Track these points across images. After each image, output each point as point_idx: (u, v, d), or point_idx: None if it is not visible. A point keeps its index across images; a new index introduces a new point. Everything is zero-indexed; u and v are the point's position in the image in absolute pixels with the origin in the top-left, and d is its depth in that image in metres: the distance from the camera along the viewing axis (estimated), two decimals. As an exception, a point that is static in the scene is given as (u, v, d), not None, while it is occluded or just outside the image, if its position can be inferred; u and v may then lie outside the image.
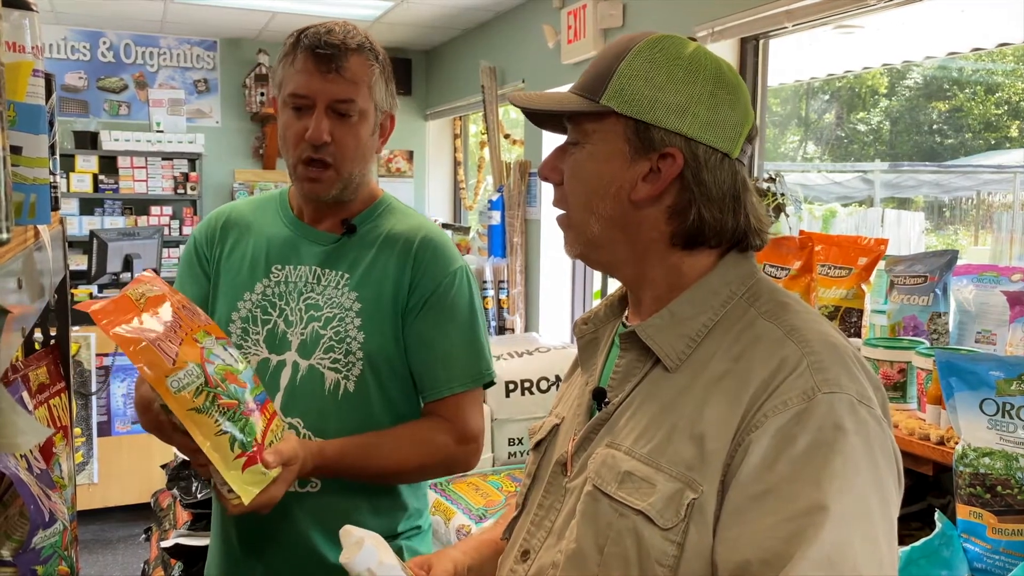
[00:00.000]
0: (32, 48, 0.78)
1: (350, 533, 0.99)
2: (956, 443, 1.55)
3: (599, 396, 0.95)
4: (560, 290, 4.85)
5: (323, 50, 1.30)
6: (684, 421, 0.83)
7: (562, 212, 0.96)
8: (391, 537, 1.42)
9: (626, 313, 1.00)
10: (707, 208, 0.88)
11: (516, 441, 2.81)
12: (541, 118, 0.99)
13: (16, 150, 0.72)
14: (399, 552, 1.43)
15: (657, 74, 0.88)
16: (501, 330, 4.74)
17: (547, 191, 4.70)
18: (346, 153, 1.35)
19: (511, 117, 5.75)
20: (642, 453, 0.84)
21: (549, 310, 4.83)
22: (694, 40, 0.93)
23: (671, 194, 0.89)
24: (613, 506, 0.84)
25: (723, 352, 0.86)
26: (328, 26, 1.35)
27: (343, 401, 1.36)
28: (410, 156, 6.55)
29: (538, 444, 1.03)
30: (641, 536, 0.81)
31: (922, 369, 1.82)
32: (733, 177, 0.89)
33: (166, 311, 1.11)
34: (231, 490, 1.11)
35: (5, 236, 0.45)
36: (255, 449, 1.12)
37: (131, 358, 1.03)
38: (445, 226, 6.05)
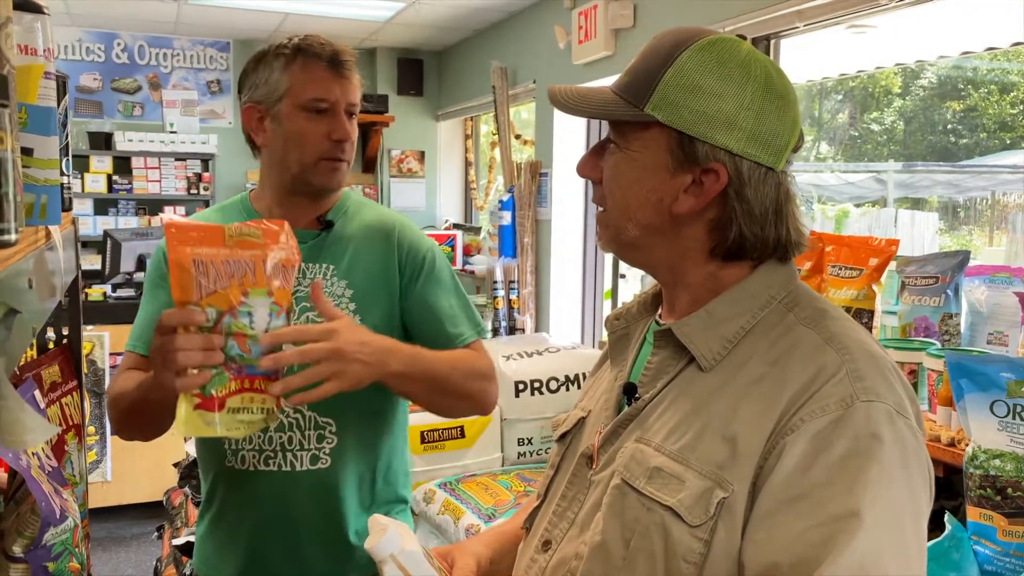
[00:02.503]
0: (44, 51, 0.79)
1: (377, 521, 1.01)
2: (966, 445, 1.55)
3: (630, 391, 0.95)
4: (570, 291, 4.85)
5: (340, 57, 1.46)
6: (717, 421, 0.83)
7: (602, 210, 0.95)
8: (385, 511, 1.53)
9: (659, 311, 1.00)
10: (748, 225, 0.87)
11: (526, 441, 2.81)
12: None
13: (27, 152, 0.73)
14: None
15: (705, 84, 0.85)
16: (511, 330, 4.75)
17: (557, 191, 4.70)
18: (354, 148, 1.52)
19: (522, 117, 5.76)
20: (672, 450, 0.85)
21: (559, 310, 4.83)
22: (743, 39, 0.91)
23: (713, 208, 0.88)
24: (641, 500, 0.84)
25: (760, 355, 0.86)
26: (323, 37, 1.48)
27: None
28: (421, 156, 6.57)
29: (563, 436, 1.04)
30: (669, 532, 0.81)
31: (933, 370, 1.82)
32: (776, 190, 0.88)
33: (248, 256, 1.17)
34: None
35: (13, 237, 0.46)
36: (210, 399, 1.15)
37: (171, 270, 1.11)
38: (456, 226, 6.06)
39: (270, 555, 1.48)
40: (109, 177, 5.88)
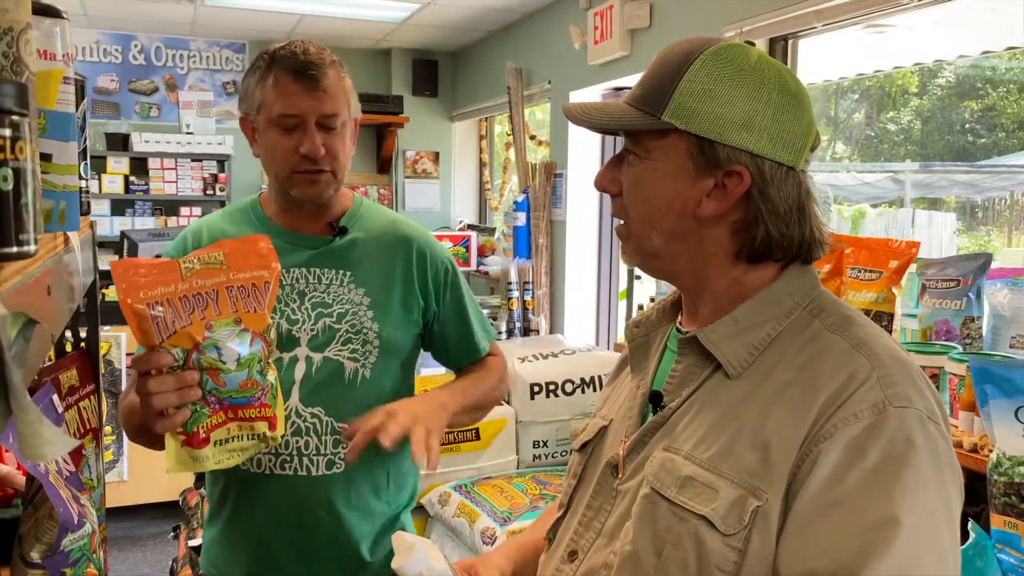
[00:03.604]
0: (63, 56, 0.79)
1: (402, 539, 1.01)
2: (990, 451, 1.53)
3: (655, 400, 0.95)
4: (585, 291, 4.84)
5: (307, 69, 1.39)
6: (747, 428, 0.83)
7: (621, 223, 0.95)
8: (396, 512, 1.55)
9: (679, 318, 1.00)
10: (774, 224, 0.88)
11: (541, 444, 2.80)
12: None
13: (46, 158, 0.73)
14: (401, 525, 1.56)
15: (721, 88, 0.86)
16: (526, 331, 4.74)
17: (572, 192, 4.69)
18: (338, 160, 1.45)
19: (537, 118, 5.75)
20: (703, 459, 0.85)
21: (574, 312, 4.82)
22: (752, 44, 0.92)
23: (737, 211, 0.88)
24: (673, 510, 0.84)
25: (787, 362, 0.86)
26: (300, 46, 1.42)
27: (361, 387, 1.47)
28: (436, 157, 6.57)
29: (584, 446, 1.03)
30: (702, 541, 0.81)
31: (954, 375, 1.79)
32: (798, 189, 0.89)
33: (209, 286, 1.14)
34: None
35: (33, 248, 0.45)
36: (194, 435, 1.16)
37: (126, 317, 1.08)
38: (470, 227, 6.06)
39: (280, 559, 1.47)
40: (126, 178, 5.91)
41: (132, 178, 5.92)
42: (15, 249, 0.43)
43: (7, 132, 0.42)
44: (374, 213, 1.57)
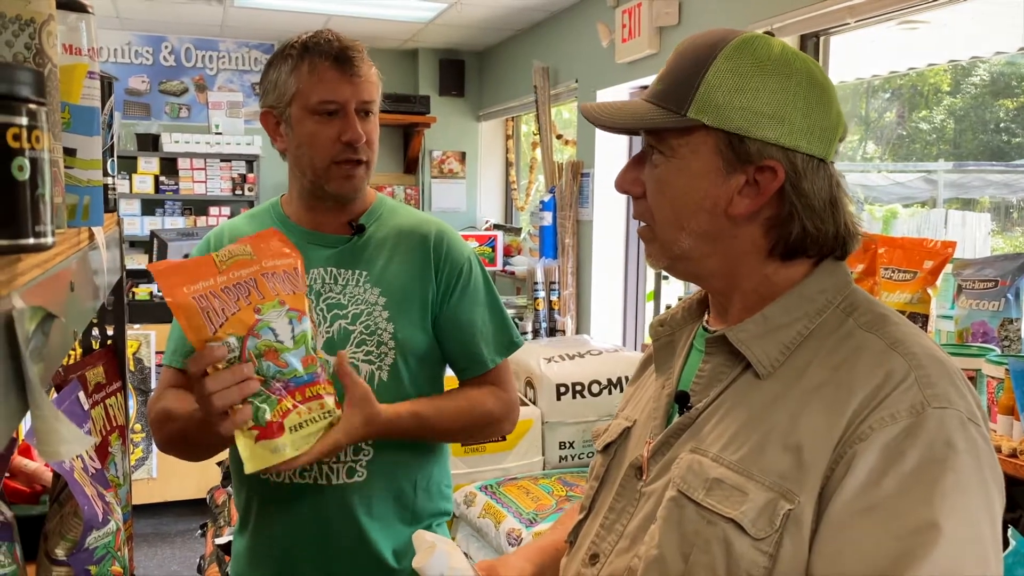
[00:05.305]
0: (88, 50, 0.78)
1: (423, 538, 1.00)
2: (1030, 456, 1.48)
3: (681, 400, 0.92)
4: (612, 292, 4.80)
5: (348, 53, 1.38)
6: (778, 430, 0.81)
7: (644, 225, 0.92)
8: (427, 523, 1.50)
9: (706, 316, 0.98)
10: (809, 219, 0.85)
11: (567, 445, 2.78)
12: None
13: (70, 152, 0.72)
14: None
15: (748, 81, 0.83)
16: (552, 332, 4.71)
17: (599, 192, 4.66)
18: (373, 148, 1.43)
19: (563, 117, 5.72)
20: (731, 460, 0.82)
21: (600, 312, 4.79)
22: (772, 35, 0.89)
23: (770, 207, 0.86)
24: (700, 513, 0.82)
25: (820, 361, 0.83)
26: (331, 34, 1.41)
27: (378, 390, 1.39)
28: (462, 157, 6.57)
29: (607, 447, 1.01)
30: (731, 545, 0.79)
31: (992, 377, 1.75)
32: (829, 181, 0.86)
33: (246, 275, 1.15)
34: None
35: (50, 240, 0.44)
36: (268, 427, 1.14)
37: (176, 315, 1.09)
38: (496, 226, 6.05)
39: (304, 571, 1.43)
40: (156, 178, 5.97)
41: (162, 178, 5.98)
42: (32, 241, 0.42)
43: (23, 120, 0.41)
44: (395, 211, 1.53)
